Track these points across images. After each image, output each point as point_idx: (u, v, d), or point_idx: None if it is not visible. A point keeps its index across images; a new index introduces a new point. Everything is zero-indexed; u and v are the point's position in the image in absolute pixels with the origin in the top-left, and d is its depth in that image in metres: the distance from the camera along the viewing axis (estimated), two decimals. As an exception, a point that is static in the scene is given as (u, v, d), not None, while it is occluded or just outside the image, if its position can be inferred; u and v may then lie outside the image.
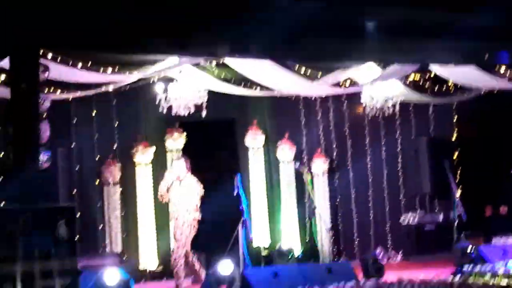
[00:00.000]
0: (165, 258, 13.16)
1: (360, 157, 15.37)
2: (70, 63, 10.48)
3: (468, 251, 11.45)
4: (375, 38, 11.71)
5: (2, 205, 9.12)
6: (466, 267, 10.73)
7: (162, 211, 13.42)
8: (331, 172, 14.94)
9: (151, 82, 12.30)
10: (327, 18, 11.18)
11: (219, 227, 13.27)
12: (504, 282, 9.29)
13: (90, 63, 10.77)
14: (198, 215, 11.47)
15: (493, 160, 14.55)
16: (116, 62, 11.43)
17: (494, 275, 9.86)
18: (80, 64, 10.59)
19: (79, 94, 11.94)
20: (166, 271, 12.85)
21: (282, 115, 14.79)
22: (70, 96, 12.02)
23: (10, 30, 9.30)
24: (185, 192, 11.40)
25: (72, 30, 9.95)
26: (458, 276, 10.16)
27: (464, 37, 12.00)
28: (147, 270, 12.98)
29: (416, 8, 11.65)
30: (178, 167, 11.52)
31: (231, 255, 11.91)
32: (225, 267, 10.47)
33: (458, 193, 13.00)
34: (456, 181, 13.70)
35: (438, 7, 11.80)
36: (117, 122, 13.23)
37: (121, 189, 13.21)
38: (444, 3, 11.83)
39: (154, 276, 12.95)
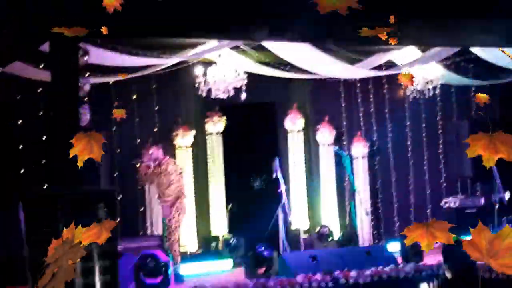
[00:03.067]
0: (205, 240, 13.27)
1: (401, 141, 15.29)
2: (110, 47, 10.58)
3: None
4: (415, 21, 11.60)
5: (44, 188, 9.26)
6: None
7: (201, 194, 13.52)
8: (371, 155, 14.89)
9: (190, 65, 12.35)
10: (363, 2, 11.09)
11: (258, 210, 13.35)
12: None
13: (130, 47, 10.86)
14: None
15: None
16: (156, 45, 11.52)
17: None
18: (120, 48, 10.68)
19: (119, 77, 12.03)
20: (205, 253, 12.95)
21: (322, 98, 14.76)
22: (110, 79, 12.11)
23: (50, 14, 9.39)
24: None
25: (112, 14, 10.01)
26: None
27: (507, 18, 11.83)
28: (188, 252, 13.07)
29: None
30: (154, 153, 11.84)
31: (270, 238, 12.00)
32: (264, 249, 10.53)
33: (499, 177, 12.84)
34: (498, 165, 13.54)
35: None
36: (157, 106, 13.31)
37: (162, 172, 13.28)
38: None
39: (194, 258, 13.03)
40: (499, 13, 11.67)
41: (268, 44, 11.42)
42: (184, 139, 13.41)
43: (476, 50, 12.81)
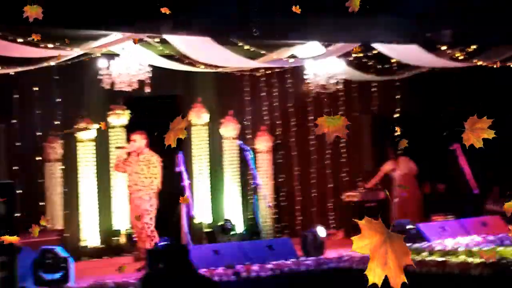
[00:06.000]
0: (107, 235, 13.13)
1: (304, 135, 15.46)
2: (10, 38, 10.33)
3: (407, 228, 11.63)
4: (318, 16, 11.75)
5: None
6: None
7: (104, 188, 13.37)
8: (274, 149, 15.01)
9: (93, 57, 12.18)
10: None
11: (161, 203, 13.27)
12: (440, 259, 9.45)
13: (30, 38, 10.62)
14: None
15: (434, 138, 14.72)
16: (58, 36, 11.30)
17: (431, 252, 10.03)
18: (20, 39, 10.44)
19: (19, 69, 11.77)
20: (107, 248, 12.81)
21: (226, 92, 14.79)
22: (10, 71, 11.84)
23: None
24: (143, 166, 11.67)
25: (13, 4, 9.80)
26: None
27: (405, 15, 12.10)
28: (88, 247, 12.91)
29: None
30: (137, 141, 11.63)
31: (174, 231, 11.96)
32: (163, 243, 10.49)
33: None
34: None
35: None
36: (59, 99, 13.08)
37: (63, 166, 13.08)
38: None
39: (95, 253, 12.89)
40: (398, 10, 11.94)
41: (170, 38, 11.36)
42: (86, 132, 13.22)
43: (378, 46, 13.04)
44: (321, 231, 11.67)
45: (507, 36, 13.40)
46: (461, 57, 14.09)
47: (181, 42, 11.52)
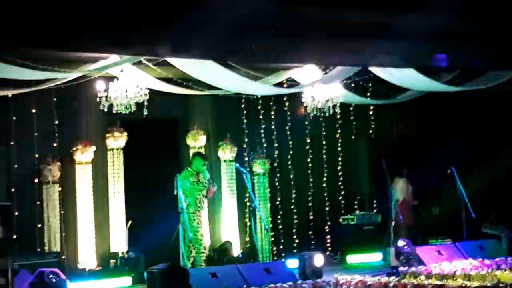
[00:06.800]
0: (104, 257, 13.10)
1: (301, 158, 15.49)
2: (9, 60, 10.37)
3: (405, 251, 11.64)
4: (316, 40, 11.82)
5: None
6: (402, 268, 10.90)
7: (101, 210, 13.36)
8: (272, 172, 15.02)
9: (92, 79, 12.21)
10: (268, 19, 11.26)
11: (158, 226, 13.29)
12: (438, 282, 9.45)
13: (30, 60, 10.67)
14: None
15: (431, 160, 14.75)
16: (57, 59, 11.35)
17: (429, 276, 10.03)
18: (19, 61, 10.48)
19: (18, 91, 11.80)
20: (104, 270, 12.78)
21: (224, 115, 14.84)
22: (9, 93, 11.86)
23: None
24: None
25: (12, 26, 9.85)
26: (394, 276, 10.31)
27: (403, 39, 12.17)
28: (86, 269, 12.88)
29: (355, 9, 11.78)
30: None
31: (171, 254, 11.95)
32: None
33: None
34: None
35: (378, 9, 11.96)
36: (57, 121, 13.09)
37: (60, 188, 13.07)
38: (383, 4, 11.99)
39: (92, 275, 12.85)
40: (397, 35, 12.01)
41: (171, 60, 11.41)
42: (84, 154, 13.23)
43: (375, 70, 13.10)
44: (318, 259, 11.67)
45: (502, 62, 13.50)
46: (457, 81, 14.17)
47: (183, 64, 11.56)
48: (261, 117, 15.19)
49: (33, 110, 12.87)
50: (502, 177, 14.92)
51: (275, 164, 15.22)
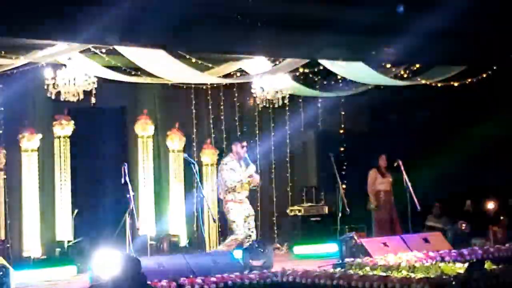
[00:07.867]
0: (49, 246, 12.98)
1: (250, 148, 15.49)
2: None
3: (351, 243, 11.74)
4: (265, 32, 11.84)
5: None
6: (348, 259, 10.99)
7: (47, 198, 13.23)
8: (220, 162, 15.00)
9: (39, 66, 12.07)
10: (217, 9, 11.25)
11: (106, 215, 13.22)
12: (382, 274, 9.54)
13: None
14: None
15: (378, 154, 14.86)
16: (3, 45, 11.20)
17: (374, 267, 10.12)
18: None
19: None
20: (49, 259, 12.66)
21: (173, 104, 14.80)
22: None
23: None
24: None
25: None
26: (340, 267, 10.39)
27: (350, 32, 12.24)
28: (31, 258, 12.75)
29: (304, 2, 11.83)
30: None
31: (117, 243, 11.88)
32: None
33: (342, 186, 13.23)
34: (341, 175, 13.96)
35: (326, 2, 12.03)
36: (2, 107, 12.92)
37: (5, 176, 12.91)
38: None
39: (37, 264, 12.73)
40: (344, 28, 12.09)
41: (120, 48, 11.33)
42: (30, 142, 13.07)
43: (324, 63, 13.17)
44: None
45: (450, 56, 13.67)
46: (405, 75, 14.32)
47: (132, 52, 11.49)
48: (210, 107, 15.17)
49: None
50: (448, 170, 15.10)
51: (223, 155, 15.21)
